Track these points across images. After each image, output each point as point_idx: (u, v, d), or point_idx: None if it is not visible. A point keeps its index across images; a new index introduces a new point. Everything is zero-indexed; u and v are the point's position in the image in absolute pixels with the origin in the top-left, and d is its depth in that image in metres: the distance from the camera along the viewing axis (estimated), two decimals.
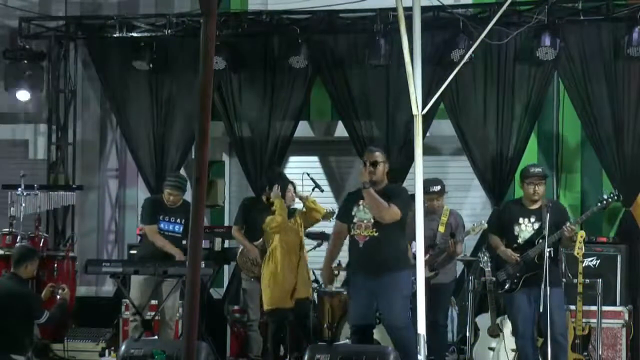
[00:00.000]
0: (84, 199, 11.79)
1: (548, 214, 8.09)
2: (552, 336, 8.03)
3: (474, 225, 9.46)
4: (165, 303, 9.31)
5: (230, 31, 10.91)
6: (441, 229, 9.20)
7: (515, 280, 8.27)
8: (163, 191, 9.55)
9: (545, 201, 8.38)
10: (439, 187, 9.20)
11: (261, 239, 9.38)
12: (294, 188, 9.08)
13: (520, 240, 8.33)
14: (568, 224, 8.18)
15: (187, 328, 4.52)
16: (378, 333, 8.69)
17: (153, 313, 9.42)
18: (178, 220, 9.48)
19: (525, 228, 8.31)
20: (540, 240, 8.13)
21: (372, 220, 8.02)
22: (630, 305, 9.75)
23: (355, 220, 8.12)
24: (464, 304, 9.75)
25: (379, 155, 8.09)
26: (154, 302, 9.52)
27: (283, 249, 8.81)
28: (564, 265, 8.98)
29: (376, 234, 7.99)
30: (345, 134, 11.01)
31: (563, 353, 8.23)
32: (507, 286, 8.33)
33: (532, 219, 8.28)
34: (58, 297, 8.71)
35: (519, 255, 8.26)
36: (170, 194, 9.44)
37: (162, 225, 9.47)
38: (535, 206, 8.32)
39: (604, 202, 8.44)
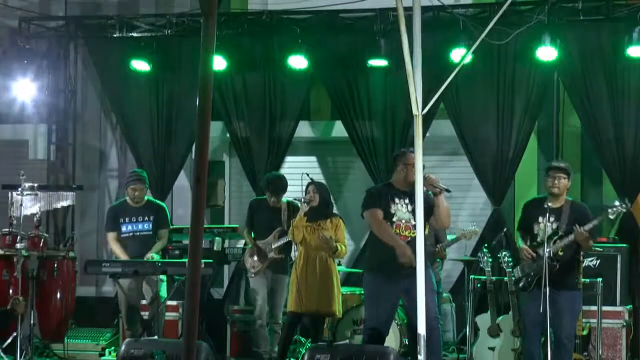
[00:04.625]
0: (84, 199, 11.79)
1: (567, 214, 8.04)
2: (559, 339, 8.00)
3: (464, 231, 9.41)
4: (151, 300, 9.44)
5: (230, 31, 10.91)
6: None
7: (529, 280, 8.20)
8: (127, 190, 9.66)
9: (567, 201, 8.28)
10: None
11: (269, 237, 9.46)
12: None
13: (539, 239, 8.24)
14: (578, 226, 8.10)
15: (187, 328, 4.52)
16: None
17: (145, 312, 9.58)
18: (146, 219, 9.57)
19: (544, 227, 8.26)
20: (558, 241, 8.07)
21: (413, 222, 7.94)
22: (630, 305, 9.75)
23: (394, 219, 8.00)
24: (464, 304, 9.74)
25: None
26: (144, 301, 9.62)
27: (304, 257, 8.84)
28: None
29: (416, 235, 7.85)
30: (345, 134, 11.01)
31: (568, 356, 8.19)
32: (521, 284, 8.28)
33: (552, 219, 8.13)
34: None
35: (536, 254, 8.20)
36: (135, 189, 9.58)
37: (128, 227, 9.57)
38: (557, 205, 8.23)
39: (615, 208, 8.36)
